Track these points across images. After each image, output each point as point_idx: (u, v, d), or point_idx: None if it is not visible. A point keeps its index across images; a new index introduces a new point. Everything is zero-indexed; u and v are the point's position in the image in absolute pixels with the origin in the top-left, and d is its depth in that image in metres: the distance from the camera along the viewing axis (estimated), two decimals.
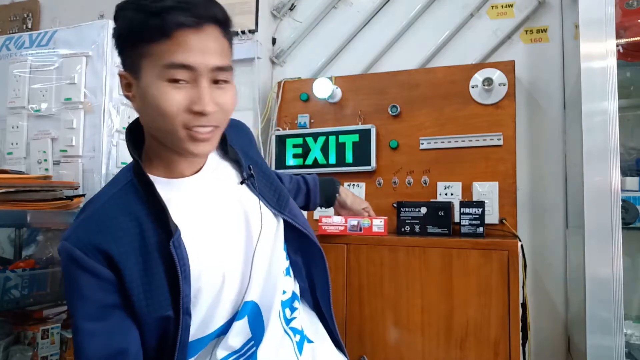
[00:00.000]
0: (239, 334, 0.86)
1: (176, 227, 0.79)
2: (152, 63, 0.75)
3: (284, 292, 0.94)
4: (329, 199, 1.37)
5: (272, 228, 0.93)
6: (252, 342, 0.87)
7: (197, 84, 0.76)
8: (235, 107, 0.83)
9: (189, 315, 0.80)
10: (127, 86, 0.81)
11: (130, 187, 0.82)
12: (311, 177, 1.36)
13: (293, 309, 0.96)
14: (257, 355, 0.86)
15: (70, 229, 0.79)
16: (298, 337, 0.94)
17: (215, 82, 0.78)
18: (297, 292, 1.00)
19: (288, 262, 0.99)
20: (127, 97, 0.82)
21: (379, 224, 1.39)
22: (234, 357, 0.85)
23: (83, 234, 0.77)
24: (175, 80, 0.75)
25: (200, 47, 0.75)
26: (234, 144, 0.95)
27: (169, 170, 0.85)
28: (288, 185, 1.27)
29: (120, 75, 0.82)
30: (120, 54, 0.81)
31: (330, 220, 1.38)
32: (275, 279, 0.91)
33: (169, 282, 0.78)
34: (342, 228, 1.38)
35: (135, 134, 0.87)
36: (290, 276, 0.98)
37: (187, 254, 0.79)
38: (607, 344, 1.17)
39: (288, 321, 0.94)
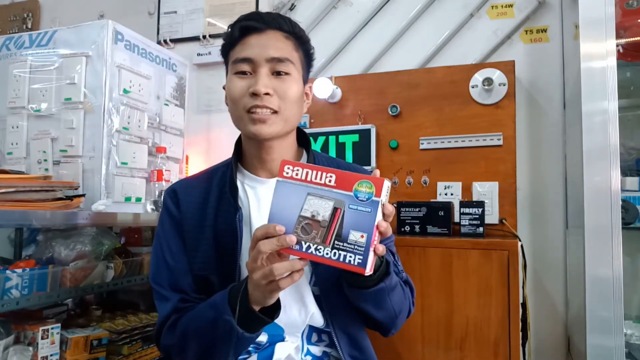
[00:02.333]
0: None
1: (240, 207, 0.93)
2: (230, 64, 0.95)
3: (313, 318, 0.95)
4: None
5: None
6: (269, 344, 0.93)
7: (257, 72, 0.90)
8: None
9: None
10: (225, 97, 0.97)
11: (221, 170, 1.01)
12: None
13: (321, 340, 0.97)
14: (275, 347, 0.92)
15: None
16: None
17: (277, 73, 0.91)
18: (336, 338, 0.95)
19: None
20: (226, 104, 0.96)
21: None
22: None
23: (173, 185, 1.02)
24: (242, 72, 0.91)
25: (260, 44, 0.91)
26: None
27: (251, 167, 0.99)
28: None
29: (224, 89, 0.98)
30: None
31: None
32: (294, 307, 0.92)
33: (217, 250, 0.93)
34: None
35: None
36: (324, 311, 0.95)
37: (242, 234, 0.92)
38: (607, 344, 1.17)
39: (310, 342, 0.96)
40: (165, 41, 2.16)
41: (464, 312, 1.35)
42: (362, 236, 0.72)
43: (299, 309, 0.92)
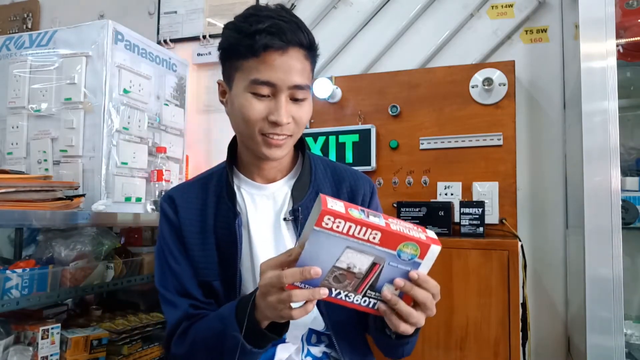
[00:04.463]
0: None
1: (239, 213, 0.93)
2: (242, 76, 0.87)
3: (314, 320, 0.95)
4: None
5: None
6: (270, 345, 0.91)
7: (277, 98, 0.86)
8: None
9: (236, 292, 0.91)
10: (222, 93, 0.95)
11: (217, 175, 0.99)
12: None
13: (321, 341, 0.97)
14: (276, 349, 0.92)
15: None
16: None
17: (294, 97, 0.88)
18: (335, 341, 0.95)
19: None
20: (221, 102, 0.95)
21: None
22: None
23: (169, 192, 1.01)
24: (259, 93, 0.86)
25: (283, 67, 0.85)
26: (323, 187, 0.98)
27: (247, 172, 0.98)
28: None
29: (219, 83, 0.96)
30: (221, 65, 0.93)
31: None
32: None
33: (218, 256, 0.92)
34: None
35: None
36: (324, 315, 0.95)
37: (242, 240, 0.92)
38: (607, 344, 1.17)
39: (310, 343, 0.96)
40: (165, 41, 2.16)
41: (464, 312, 1.35)
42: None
43: None
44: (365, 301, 0.71)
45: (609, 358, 1.16)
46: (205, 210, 0.95)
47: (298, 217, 0.92)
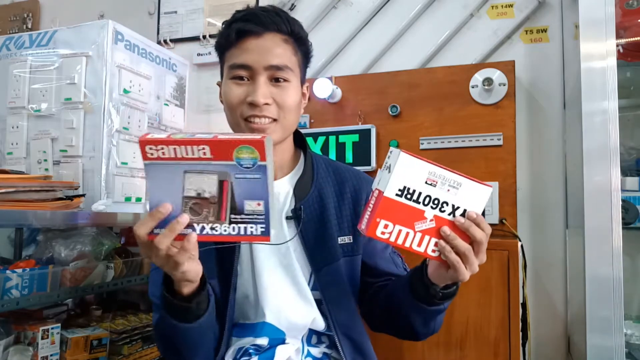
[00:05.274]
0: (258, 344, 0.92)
1: None
2: (226, 67, 0.91)
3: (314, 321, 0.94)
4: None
5: (295, 267, 0.92)
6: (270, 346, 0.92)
7: (255, 80, 0.87)
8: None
9: (235, 291, 0.91)
10: (220, 94, 0.95)
11: None
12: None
13: (321, 342, 0.97)
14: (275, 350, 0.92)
15: None
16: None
17: (276, 80, 0.88)
18: (336, 338, 0.95)
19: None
20: (221, 102, 0.95)
21: None
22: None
23: None
24: (239, 77, 0.88)
25: (258, 49, 0.87)
26: (325, 185, 0.97)
27: None
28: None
29: (218, 85, 0.97)
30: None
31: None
32: (296, 311, 0.92)
33: (217, 255, 0.91)
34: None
35: None
36: (325, 316, 0.95)
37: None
38: (607, 344, 1.17)
39: (310, 344, 0.96)
40: (165, 41, 2.16)
41: (464, 312, 1.35)
42: (258, 204, 0.67)
43: (301, 313, 0.92)
44: (234, 229, 0.67)
45: (609, 358, 1.16)
46: None
47: (300, 215, 0.92)
